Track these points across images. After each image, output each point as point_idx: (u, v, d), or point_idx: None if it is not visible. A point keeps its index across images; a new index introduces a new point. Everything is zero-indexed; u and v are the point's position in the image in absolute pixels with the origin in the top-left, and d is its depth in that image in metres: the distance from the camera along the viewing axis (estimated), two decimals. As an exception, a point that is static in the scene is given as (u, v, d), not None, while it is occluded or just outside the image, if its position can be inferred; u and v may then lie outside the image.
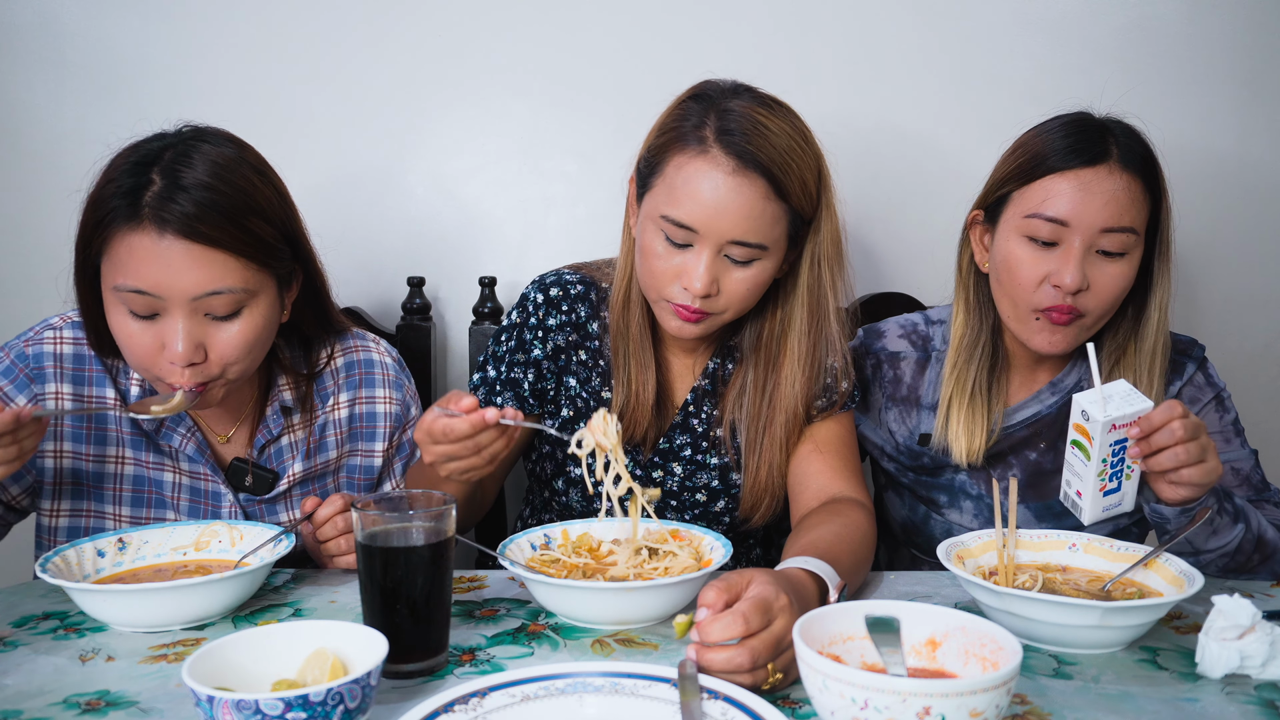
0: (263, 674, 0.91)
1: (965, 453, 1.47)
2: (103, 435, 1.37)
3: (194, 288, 1.20)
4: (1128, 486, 1.26)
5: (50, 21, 1.90)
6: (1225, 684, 1.02)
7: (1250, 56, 1.97)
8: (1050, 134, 1.41)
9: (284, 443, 1.43)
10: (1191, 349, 1.52)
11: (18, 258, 1.95)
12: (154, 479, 1.38)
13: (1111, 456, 1.23)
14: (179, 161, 1.21)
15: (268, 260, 1.26)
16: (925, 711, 0.80)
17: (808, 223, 1.37)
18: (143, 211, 1.18)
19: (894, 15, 1.95)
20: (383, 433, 1.49)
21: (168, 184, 1.19)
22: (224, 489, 1.39)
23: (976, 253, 1.49)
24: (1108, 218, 1.35)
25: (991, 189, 1.46)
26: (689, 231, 1.31)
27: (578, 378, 1.48)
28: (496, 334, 1.50)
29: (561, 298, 1.47)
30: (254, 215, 1.23)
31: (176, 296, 1.20)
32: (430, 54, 1.94)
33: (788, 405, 1.42)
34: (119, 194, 1.19)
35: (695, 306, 1.33)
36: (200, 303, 1.21)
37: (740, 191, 1.28)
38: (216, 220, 1.19)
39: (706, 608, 0.97)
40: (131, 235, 1.19)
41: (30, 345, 1.34)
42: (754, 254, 1.32)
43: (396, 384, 1.50)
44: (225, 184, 1.21)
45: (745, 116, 1.30)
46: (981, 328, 1.49)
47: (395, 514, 1.05)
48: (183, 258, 1.19)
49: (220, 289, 1.21)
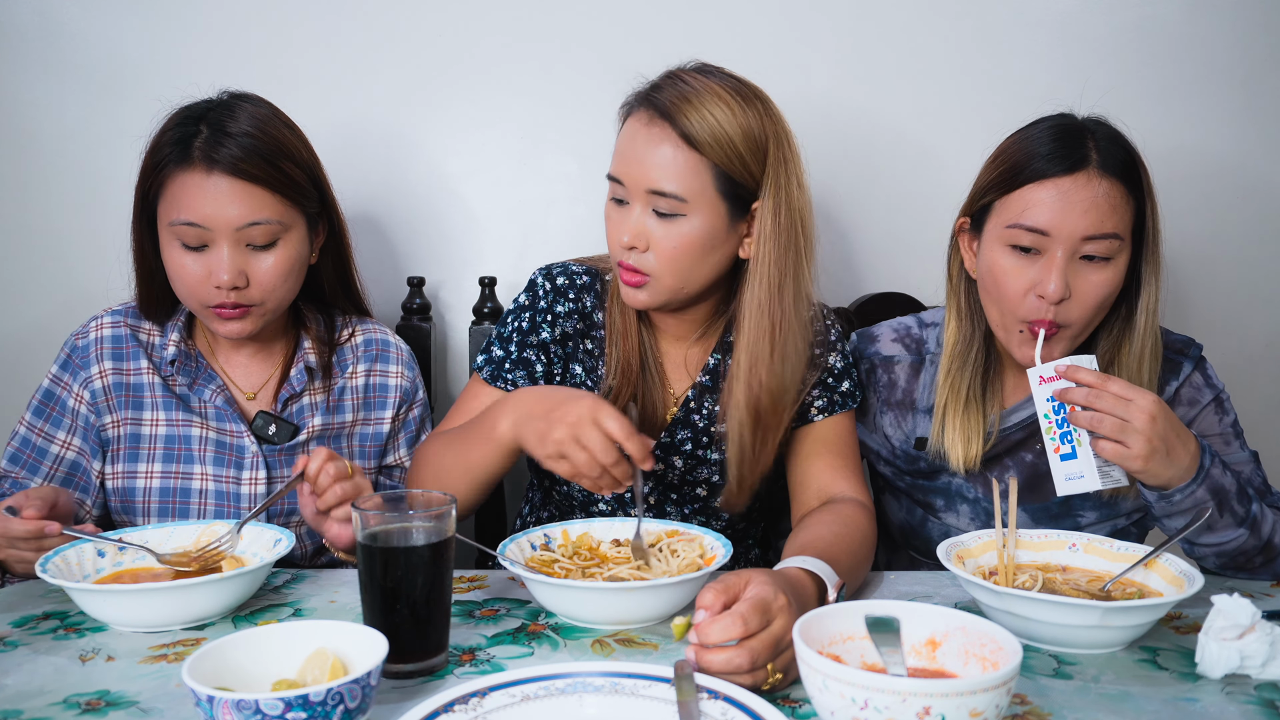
0: (263, 674, 0.91)
1: (962, 460, 1.47)
2: (139, 401, 1.51)
3: (237, 219, 1.38)
4: (1082, 454, 1.26)
5: (50, 21, 1.90)
6: (1225, 684, 1.02)
7: (1249, 57, 1.97)
8: (1029, 141, 1.39)
9: (305, 401, 1.54)
10: (1188, 349, 1.51)
11: (18, 257, 1.95)
12: (183, 435, 1.50)
13: (1054, 414, 1.28)
14: (223, 115, 1.41)
15: (298, 198, 1.44)
16: (925, 711, 0.80)
17: (755, 196, 1.36)
18: (194, 154, 1.38)
19: (894, 16, 1.95)
20: (392, 402, 1.59)
21: (213, 132, 1.39)
22: (248, 441, 1.49)
23: (965, 259, 1.49)
24: (1089, 225, 1.34)
25: (975, 197, 1.45)
26: (620, 185, 1.37)
27: (584, 366, 1.49)
28: (502, 317, 1.51)
29: (568, 286, 1.49)
30: (286, 159, 1.42)
31: (222, 227, 1.38)
32: (430, 53, 1.94)
33: (738, 390, 1.38)
34: (172, 142, 1.39)
35: (629, 263, 1.37)
36: (242, 233, 1.39)
37: (651, 140, 1.34)
38: (255, 160, 1.39)
39: (704, 609, 0.97)
40: (184, 175, 1.38)
41: (80, 339, 1.51)
42: (675, 206, 1.33)
43: (409, 364, 1.62)
44: (261, 132, 1.41)
45: (677, 78, 1.36)
46: (974, 333, 1.49)
47: (395, 514, 1.05)
48: (228, 192, 1.38)
49: (259, 219, 1.39)
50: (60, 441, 1.48)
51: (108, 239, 1.61)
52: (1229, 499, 1.28)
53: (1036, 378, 1.30)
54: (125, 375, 1.50)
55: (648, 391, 1.47)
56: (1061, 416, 1.27)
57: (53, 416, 1.49)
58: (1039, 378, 1.29)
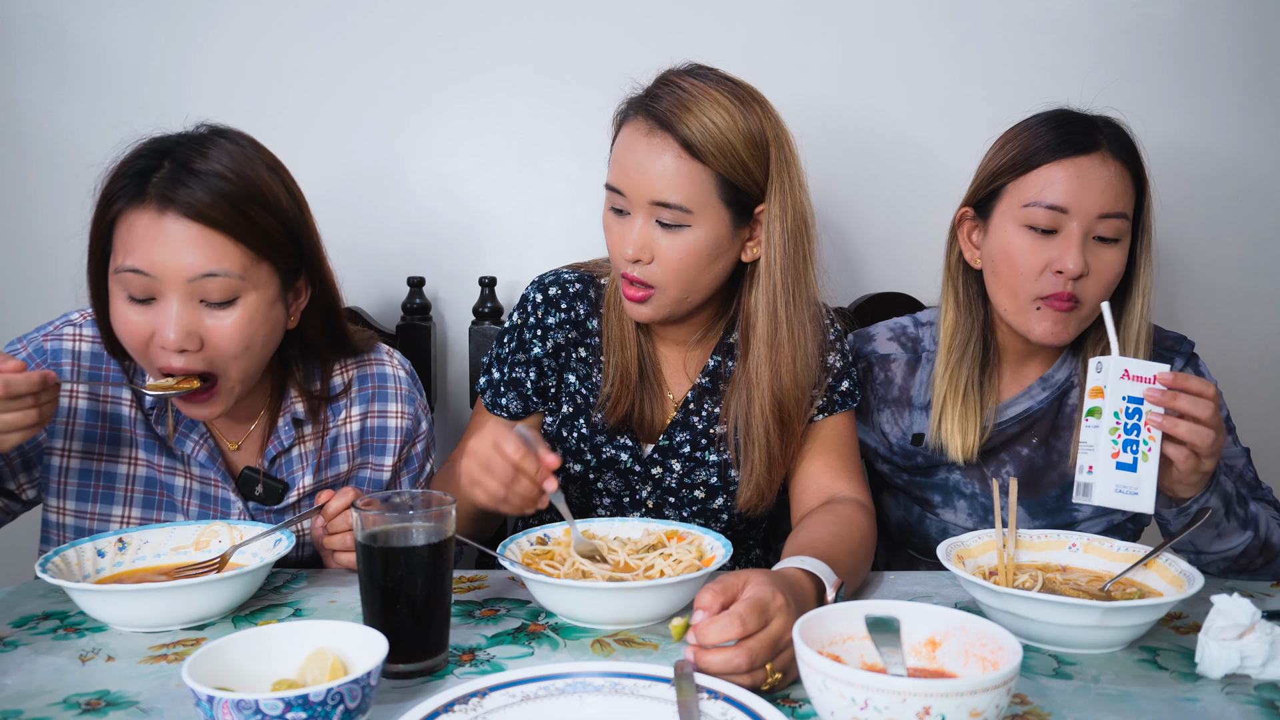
0: (263, 674, 0.91)
1: (960, 450, 1.48)
2: (116, 435, 1.37)
3: (190, 269, 1.21)
4: (1144, 471, 1.18)
5: (50, 21, 1.90)
6: (1225, 684, 1.02)
7: (1250, 57, 1.97)
8: (1039, 127, 1.43)
9: (295, 454, 1.43)
10: (1179, 344, 1.53)
11: (17, 257, 1.95)
12: (165, 482, 1.38)
13: (1125, 416, 1.19)
14: (191, 150, 1.25)
15: (267, 250, 1.27)
16: (925, 711, 0.80)
17: (759, 200, 1.36)
18: (148, 192, 1.22)
19: (894, 16, 1.95)
20: (393, 447, 1.48)
21: (176, 168, 1.23)
22: (234, 497, 1.39)
23: (965, 250, 1.50)
24: (1105, 203, 1.37)
25: (983, 184, 1.47)
26: (620, 196, 1.35)
27: (578, 375, 1.48)
28: (499, 336, 1.51)
29: (560, 296, 1.48)
30: (257, 204, 1.25)
31: (172, 277, 1.22)
32: (430, 53, 1.94)
33: (761, 396, 1.39)
34: (128, 175, 1.24)
35: (634, 275, 1.35)
36: (196, 285, 1.22)
37: (653, 151, 1.32)
38: (218, 203, 1.22)
39: (703, 610, 0.97)
40: (135, 214, 1.22)
41: (49, 340, 1.35)
42: (679, 217, 1.32)
43: (409, 398, 1.50)
44: (232, 172, 1.24)
45: (673, 84, 1.34)
46: (972, 325, 1.50)
47: (395, 514, 1.05)
48: (181, 237, 1.21)
49: (215, 270, 1.22)
50: None
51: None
52: (1232, 503, 1.29)
53: (1120, 370, 1.19)
54: (102, 403, 1.35)
55: (646, 398, 1.47)
56: (1134, 422, 1.19)
57: None
58: (1124, 370, 1.19)
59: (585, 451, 1.49)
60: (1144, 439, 1.19)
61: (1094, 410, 1.21)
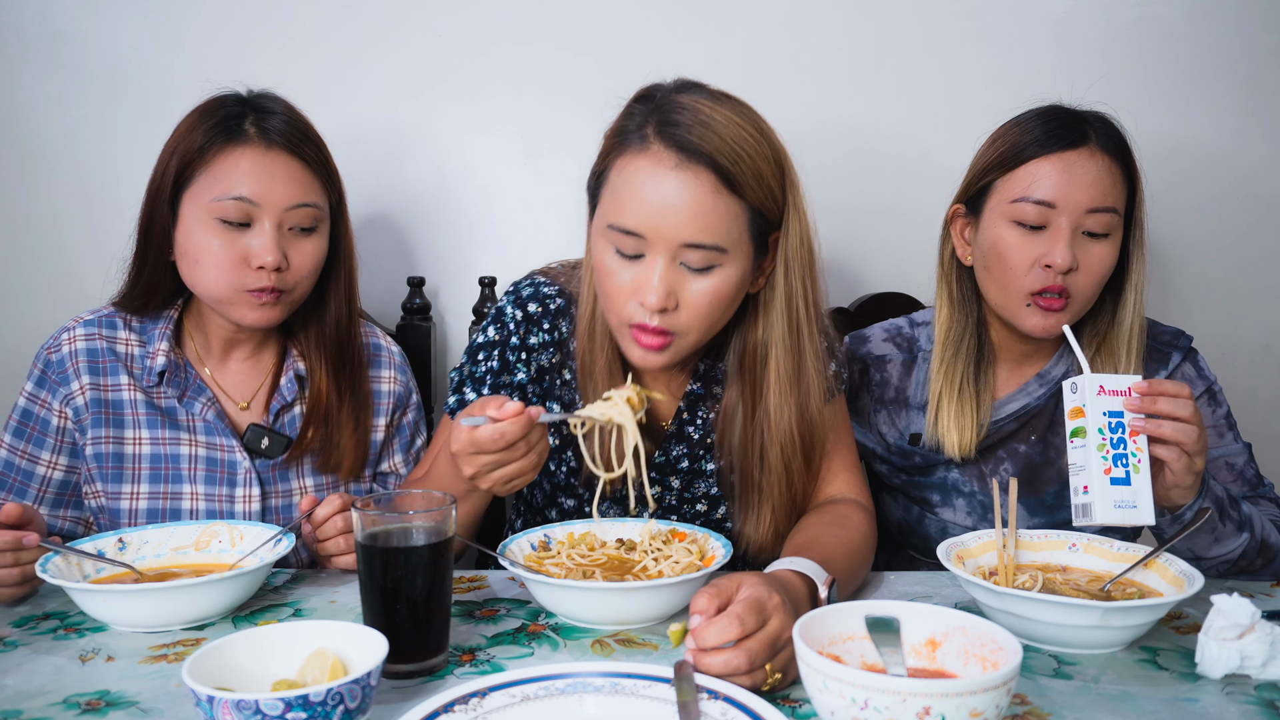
0: (263, 674, 0.91)
1: (958, 446, 1.48)
2: (120, 419, 1.44)
3: (288, 198, 1.37)
4: (1138, 483, 1.19)
5: (50, 21, 1.90)
6: (1225, 684, 1.02)
7: (1250, 56, 1.97)
8: (1028, 122, 1.43)
9: (296, 411, 1.49)
10: (1177, 339, 1.53)
11: (18, 258, 1.95)
12: (170, 455, 1.45)
13: (1110, 430, 1.19)
14: (262, 100, 1.41)
15: (331, 190, 1.44)
16: (925, 711, 0.80)
17: (775, 225, 1.26)
18: (248, 131, 1.36)
19: (893, 17, 1.95)
20: (385, 409, 1.55)
21: (261, 113, 1.38)
22: (240, 456, 1.45)
23: (958, 246, 1.51)
24: (1092, 198, 1.37)
25: (974, 180, 1.47)
26: (638, 239, 1.19)
27: (561, 401, 1.40)
28: (472, 352, 1.39)
29: (542, 314, 1.37)
30: (322, 147, 1.43)
31: (273, 205, 1.36)
32: (430, 54, 1.93)
33: (782, 436, 1.30)
34: (217, 125, 1.36)
35: (654, 325, 1.21)
36: (290, 214, 1.37)
37: (686, 186, 1.16)
38: (307, 142, 1.40)
39: (699, 614, 0.97)
40: (238, 150, 1.36)
41: (53, 352, 1.45)
42: (712, 258, 1.19)
43: (401, 368, 1.58)
44: (299, 119, 1.42)
45: (688, 108, 1.19)
46: (966, 321, 1.51)
47: (395, 514, 1.05)
48: (284, 170, 1.37)
49: (308, 201, 1.39)
50: (46, 462, 1.44)
51: (108, 239, 1.61)
52: (1225, 506, 1.29)
53: (1095, 387, 1.20)
54: (104, 391, 1.43)
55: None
56: (1119, 436, 1.19)
57: (34, 436, 1.43)
58: (1099, 387, 1.20)
59: (577, 486, 1.43)
60: (1132, 450, 1.19)
61: (1078, 430, 1.22)
